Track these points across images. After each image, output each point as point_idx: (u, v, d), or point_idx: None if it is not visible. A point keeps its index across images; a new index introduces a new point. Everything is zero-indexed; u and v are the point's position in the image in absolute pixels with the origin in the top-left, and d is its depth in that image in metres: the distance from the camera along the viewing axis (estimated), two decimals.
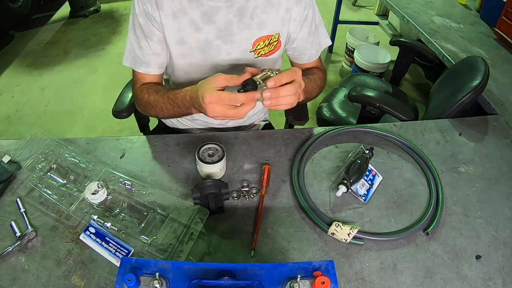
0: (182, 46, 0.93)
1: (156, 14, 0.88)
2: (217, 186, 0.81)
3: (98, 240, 0.77)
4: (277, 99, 0.73)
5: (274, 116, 2.24)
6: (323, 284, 0.56)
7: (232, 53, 0.95)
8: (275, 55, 1.01)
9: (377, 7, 3.56)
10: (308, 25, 0.99)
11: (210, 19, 0.89)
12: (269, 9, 0.92)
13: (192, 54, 0.94)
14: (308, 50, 1.04)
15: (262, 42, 0.95)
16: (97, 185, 0.85)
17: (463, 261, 0.78)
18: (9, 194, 0.87)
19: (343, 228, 0.78)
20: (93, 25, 3.44)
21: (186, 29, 0.90)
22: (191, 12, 0.89)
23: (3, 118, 2.40)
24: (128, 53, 0.97)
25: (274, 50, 0.99)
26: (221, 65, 0.97)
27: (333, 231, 0.79)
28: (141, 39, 0.93)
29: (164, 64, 0.99)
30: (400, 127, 1.10)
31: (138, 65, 0.96)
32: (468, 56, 1.38)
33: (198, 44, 0.93)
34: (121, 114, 1.17)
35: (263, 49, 0.96)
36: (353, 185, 0.88)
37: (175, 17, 0.89)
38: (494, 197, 0.91)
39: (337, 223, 0.79)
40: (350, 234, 0.77)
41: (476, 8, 1.94)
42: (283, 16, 0.94)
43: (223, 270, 0.60)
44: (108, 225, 0.79)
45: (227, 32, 0.92)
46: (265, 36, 0.95)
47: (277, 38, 0.97)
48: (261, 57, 0.98)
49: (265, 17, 0.92)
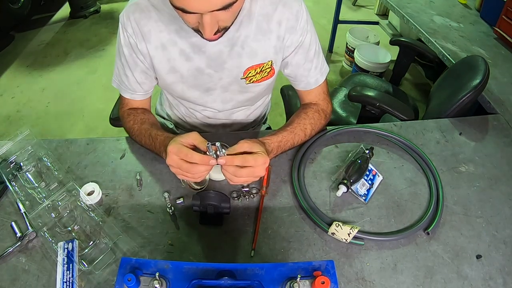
0: (174, 74, 0.92)
1: (143, 46, 0.87)
2: (218, 198, 0.81)
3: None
4: (236, 178, 0.74)
5: (275, 116, 2.24)
6: (323, 284, 0.56)
7: (224, 79, 0.94)
8: (268, 82, 0.98)
9: (377, 6, 3.56)
10: (304, 52, 0.93)
11: (200, 49, 0.88)
12: (260, 37, 0.88)
13: (184, 81, 0.94)
14: (305, 78, 0.98)
15: (253, 70, 0.92)
16: (92, 186, 0.86)
17: (463, 261, 0.78)
18: (10, 194, 0.87)
19: (343, 228, 0.78)
20: (93, 25, 3.44)
21: (176, 59, 0.89)
22: (180, 43, 0.87)
23: (4, 119, 2.40)
24: (115, 76, 0.97)
25: (268, 76, 0.96)
26: (213, 88, 0.97)
27: (334, 231, 0.79)
28: (126, 68, 0.92)
29: (150, 90, 0.99)
30: (400, 126, 1.10)
31: (124, 91, 0.97)
32: (468, 56, 1.38)
33: (189, 73, 0.92)
34: (118, 122, 1.16)
35: (254, 76, 0.94)
36: (353, 185, 0.88)
37: (164, 48, 0.87)
38: (495, 197, 0.91)
39: (337, 223, 0.79)
40: (351, 234, 0.77)
41: (476, 8, 1.94)
42: (275, 44, 0.90)
43: (223, 270, 0.60)
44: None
45: (218, 61, 0.90)
46: (257, 65, 0.92)
47: (270, 65, 0.94)
48: (254, 83, 0.96)
49: (256, 46, 0.89)
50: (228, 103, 1.03)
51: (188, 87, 0.96)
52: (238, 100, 1.02)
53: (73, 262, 0.73)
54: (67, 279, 0.71)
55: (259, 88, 0.99)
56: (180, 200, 0.86)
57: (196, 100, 1.01)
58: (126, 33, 0.87)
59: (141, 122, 0.95)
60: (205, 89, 0.97)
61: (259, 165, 0.74)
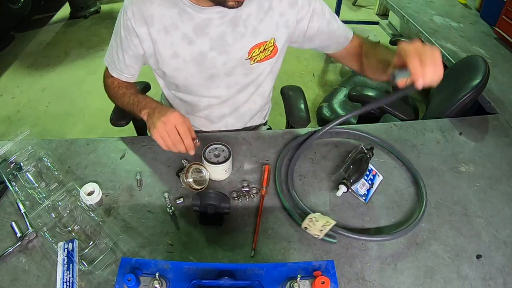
0: (177, 59, 0.93)
1: (143, 30, 0.88)
2: (218, 198, 0.81)
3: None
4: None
5: (275, 116, 2.24)
6: (323, 284, 0.56)
7: (228, 63, 0.95)
8: (272, 60, 0.99)
9: (377, 6, 3.56)
10: (320, 17, 0.96)
11: (202, 31, 0.89)
12: (262, 16, 0.91)
13: (187, 67, 0.94)
14: (334, 36, 1.00)
15: (257, 49, 0.94)
16: (92, 186, 0.86)
17: (463, 261, 0.78)
18: (10, 194, 0.87)
19: (316, 224, 0.76)
20: (94, 25, 3.44)
21: (179, 43, 0.90)
22: (182, 26, 0.88)
23: (4, 119, 2.40)
24: (108, 54, 1.01)
25: (271, 55, 0.97)
26: (216, 74, 0.97)
27: (306, 225, 0.77)
28: (119, 48, 0.95)
29: (136, 74, 1.02)
30: (400, 126, 1.10)
31: (112, 70, 1.01)
32: (468, 56, 1.38)
33: (192, 57, 0.92)
34: (119, 122, 1.17)
35: (258, 56, 0.96)
36: (353, 185, 0.88)
37: (167, 32, 0.89)
38: (495, 197, 0.91)
39: (312, 217, 0.77)
40: (323, 230, 0.75)
41: (476, 7, 1.94)
42: (277, 21, 0.92)
43: (223, 270, 0.60)
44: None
45: (221, 43, 0.91)
46: (260, 43, 0.94)
47: (273, 43, 0.96)
48: (257, 62, 0.97)
49: (258, 24, 0.91)
50: (233, 88, 1.03)
51: (192, 74, 0.96)
52: (242, 83, 1.02)
53: (73, 262, 0.73)
54: (67, 279, 0.71)
55: (263, 68, 1.00)
56: (180, 200, 0.86)
57: (199, 89, 1.01)
58: (126, 15, 0.88)
59: (126, 87, 1.01)
60: (209, 76, 0.97)
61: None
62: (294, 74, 2.80)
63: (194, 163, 0.87)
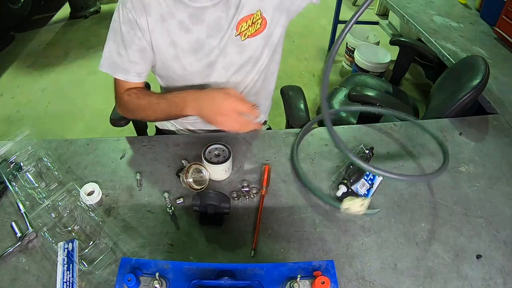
0: (174, 48, 0.93)
1: (143, 20, 0.88)
2: (218, 198, 0.81)
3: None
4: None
5: (275, 116, 2.23)
6: (323, 284, 0.56)
7: (221, 43, 0.95)
8: (264, 34, 0.97)
9: (377, 6, 3.55)
10: None
11: (198, 19, 0.90)
12: None
13: (184, 56, 0.94)
14: None
15: (245, 23, 0.93)
16: (92, 186, 0.86)
17: (463, 261, 0.78)
18: (10, 194, 0.87)
19: (355, 202, 0.80)
20: (94, 25, 3.44)
21: (176, 32, 0.90)
22: (178, 14, 0.89)
23: (4, 119, 2.40)
24: (105, 59, 0.95)
25: (261, 28, 0.96)
26: (213, 61, 0.97)
27: (347, 206, 0.80)
28: (121, 47, 0.92)
29: (144, 73, 0.97)
30: (400, 126, 1.10)
31: (116, 71, 0.95)
32: (468, 56, 1.38)
33: (189, 45, 0.93)
34: (119, 122, 1.17)
35: (248, 30, 0.94)
36: (353, 185, 0.88)
37: (164, 20, 0.89)
38: (495, 197, 0.91)
39: (349, 198, 0.81)
40: (364, 204, 0.79)
41: (476, 7, 1.94)
42: None
43: (223, 270, 0.60)
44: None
45: (217, 28, 0.92)
46: (246, 16, 0.93)
47: (260, 15, 0.94)
48: (249, 38, 0.96)
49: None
50: (230, 69, 1.01)
51: (189, 63, 0.96)
52: (238, 63, 1.00)
53: (73, 262, 0.73)
54: (67, 279, 0.71)
55: (256, 44, 0.98)
56: (180, 200, 0.86)
57: (197, 77, 1.00)
58: (125, 9, 0.88)
59: (147, 95, 0.95)
60: (207, 64, 0.97)
61: None
62: (294, 74, 2.80)
63: (194, 163, 0.87)
